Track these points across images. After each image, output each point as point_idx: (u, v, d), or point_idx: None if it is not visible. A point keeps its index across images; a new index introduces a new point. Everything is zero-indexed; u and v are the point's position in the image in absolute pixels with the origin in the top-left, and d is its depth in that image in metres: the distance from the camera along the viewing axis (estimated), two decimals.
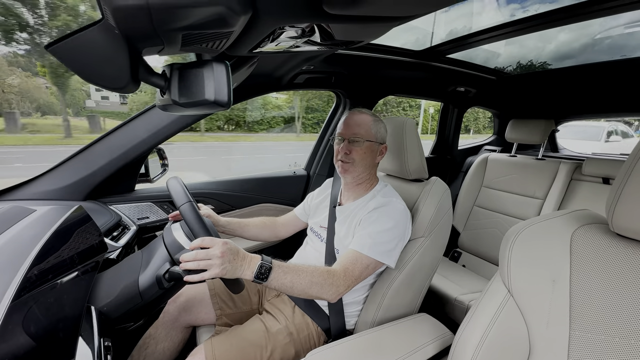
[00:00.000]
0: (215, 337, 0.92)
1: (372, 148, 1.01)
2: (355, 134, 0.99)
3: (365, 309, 1.00)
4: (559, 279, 0.60)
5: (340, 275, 0.83)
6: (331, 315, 0.99)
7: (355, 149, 0.99)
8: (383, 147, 1.05)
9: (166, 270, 0.76)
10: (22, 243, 0.67)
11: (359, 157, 0.99)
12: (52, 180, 1.13)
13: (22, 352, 0.47)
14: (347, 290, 0.85)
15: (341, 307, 1.00)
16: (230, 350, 0.86)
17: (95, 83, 0.49)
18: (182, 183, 0.89)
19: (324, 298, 0.82)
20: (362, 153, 0.99)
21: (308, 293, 0.79)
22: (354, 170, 1.01)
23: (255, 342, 0.90)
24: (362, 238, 0.90)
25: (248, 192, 1.59)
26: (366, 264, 0.88)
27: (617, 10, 1.07)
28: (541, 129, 1.84)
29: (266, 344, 0.91)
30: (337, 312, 0.99)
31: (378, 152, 1.03)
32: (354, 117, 1.02)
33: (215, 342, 0.88)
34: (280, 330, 0.95)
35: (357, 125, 1.00)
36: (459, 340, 0.68)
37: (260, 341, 0.91)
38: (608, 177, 1.58)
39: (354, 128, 1.00)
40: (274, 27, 0.63)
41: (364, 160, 1.00)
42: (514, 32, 1.31)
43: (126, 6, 0.40)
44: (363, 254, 0.88)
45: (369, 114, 1.04)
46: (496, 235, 1.81)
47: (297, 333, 0.96)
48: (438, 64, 1.67)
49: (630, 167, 0.53)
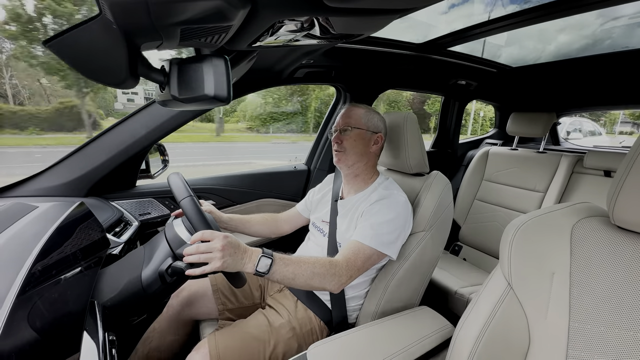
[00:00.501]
0: (218, 331, 0.92)
1: (362, 135, 1.02)
2: (346, 123, 1.03)
3: (367, 302, 1.01)
4: (559, 272, 0.60)
5: (343, 266, 0.84)
6: (333, 310, 1.00)
7: (345, 138, 1.02)
8: (378, 136, 1.05)
9: (168, 265, 0.77)
10: (25, 240, 0.68)
11: (349, 145, 1.01)
12: (53, 176, 1.13)
13: (28, 346, 0.47)
14: (350, 281, 0.85)
15: (343, 302, 1.00)
16: (233, 345, 0.87)
17: (94, 78, 0.49)
18: (183, 178, 0.89)
19: (327, 289, 0.82)
20: (352, 141, 1.01)
21: (310, 284, 0.80)
22: (346, 159, 1.02)
23: (258, 337, 0.91)
24: (364, 229, 0.91)
25: (249, 187, 1.59)
26: (368, 255, 0.88)
27: (619, 1, 1.06)
28: (542, 122, 1.83)
29: (269, 339, 0.92)
30: (340, 307, 1.00)
31: (372, 140, 1.04)
32: (347, 110, 1.06)
33: (219, 336, 0.89)
34: (283, 325, 0.96)
35: (348, 116, 1.04)
36: (460, 332, 0.69)
37: (264, 335, 0.92)
38: (609, 169, 1.57)
39: (345, 118, 1.04)
40: (273, 20, 0.62)
41: (355, 147, 1.02)
42: (515, 24, 1.29)
43: (124, 1, 0.40)
44: (365, 245, 0.88)
45: (362, 107, 1.06)
46: (497, 229, 1.81)
47: (300, 327, 0.97)
48: (439, 57, 1.65)
49: (632, 159, 0.52)
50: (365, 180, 1.06)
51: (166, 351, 1.03)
